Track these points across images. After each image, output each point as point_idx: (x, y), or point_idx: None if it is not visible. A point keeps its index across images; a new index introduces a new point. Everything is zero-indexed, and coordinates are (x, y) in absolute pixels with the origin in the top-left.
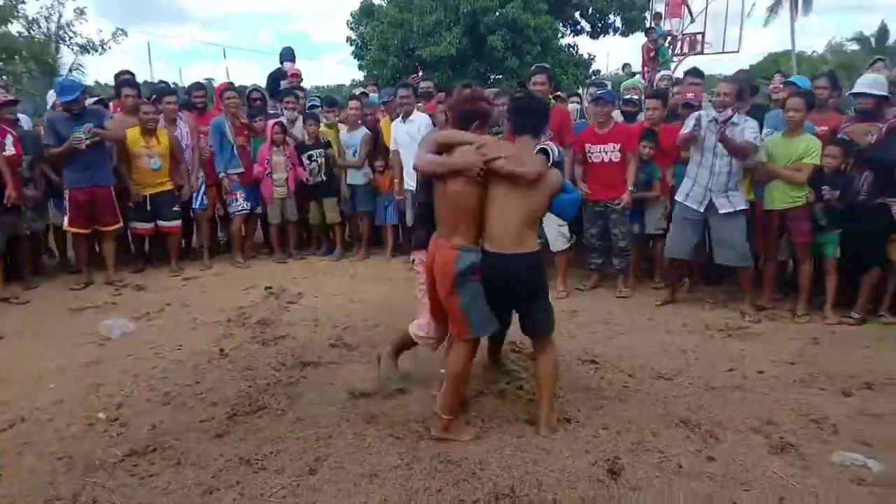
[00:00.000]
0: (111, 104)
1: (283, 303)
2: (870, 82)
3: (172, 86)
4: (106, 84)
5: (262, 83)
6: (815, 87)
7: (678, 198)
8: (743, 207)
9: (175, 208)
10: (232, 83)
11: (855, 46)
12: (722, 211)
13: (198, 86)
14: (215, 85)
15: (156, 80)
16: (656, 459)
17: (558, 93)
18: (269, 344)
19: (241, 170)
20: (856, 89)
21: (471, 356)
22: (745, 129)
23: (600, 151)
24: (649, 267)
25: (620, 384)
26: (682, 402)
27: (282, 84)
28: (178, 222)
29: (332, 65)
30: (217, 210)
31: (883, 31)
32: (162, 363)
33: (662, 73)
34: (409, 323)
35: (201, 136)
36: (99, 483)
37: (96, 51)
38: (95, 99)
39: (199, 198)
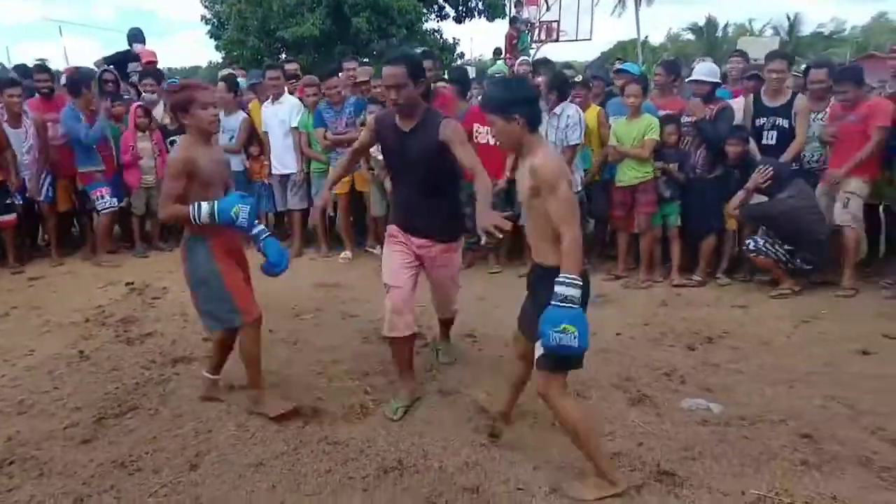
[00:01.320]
0: None
1: (147, 299)
2: (706, 70)
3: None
4: None
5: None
6: (655, 75)
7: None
8: (575, 190)
9: (7, 201)
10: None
11: (690, 36)
12: None
13: (40, 68)
14: (50, 66)
15: None
16: (531, 420)
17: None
18: (135, 342)
19: (101, 167)
20: (694, 76)
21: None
22: (568, 118)
23: (486, 132)
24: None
25: (496, 355)
26: None
27: (130, 66)
28: (12, 216)
29: (184, 44)
30: (73, 203)
31: (711, 23)
32: (12, 371)
33: (521, 59)
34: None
35: (49, 123)
36: None
37: None
38: None
39: (45, 189)
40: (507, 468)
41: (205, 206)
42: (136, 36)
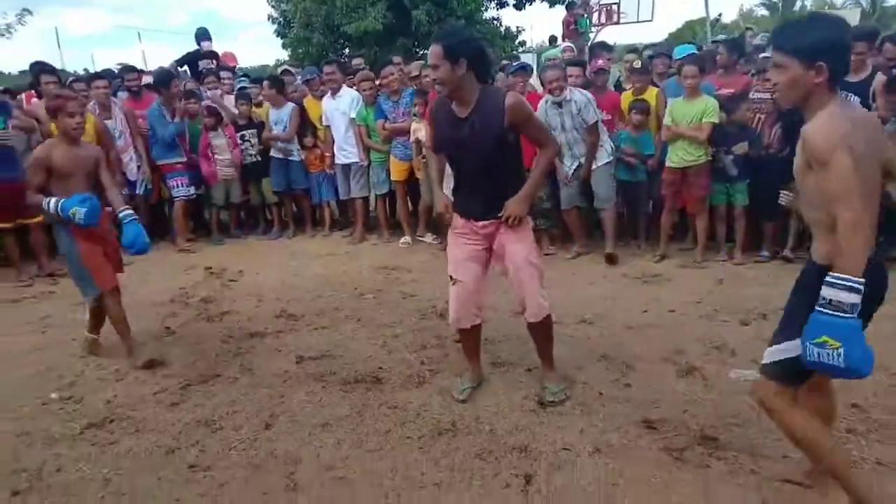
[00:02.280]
0: (24, 95)
1: (224, 281)
2: None
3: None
4: (10, 74)
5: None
6: (717, 55)
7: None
8: (606, 161)
9: None
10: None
11: (764, 11)
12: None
13: (130, 69)
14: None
15: (67, 67)
16: (580, 389)
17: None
18: (215, 320)
19: (183, 158)
20: (769, 52)
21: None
22: (577, 103)
23: None
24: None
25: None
26: (603, 341)
27: (200, 64)
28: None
29: (250, 44)
30: (161, 196)
31: None
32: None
33: (565, 44)
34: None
35: (140, 120)
36: (62, 454)
37: (2, 35)
38: (1, 89)
39: (143, 184)
40: (555, 431)
41: (52, 201)
42: (202, 35)
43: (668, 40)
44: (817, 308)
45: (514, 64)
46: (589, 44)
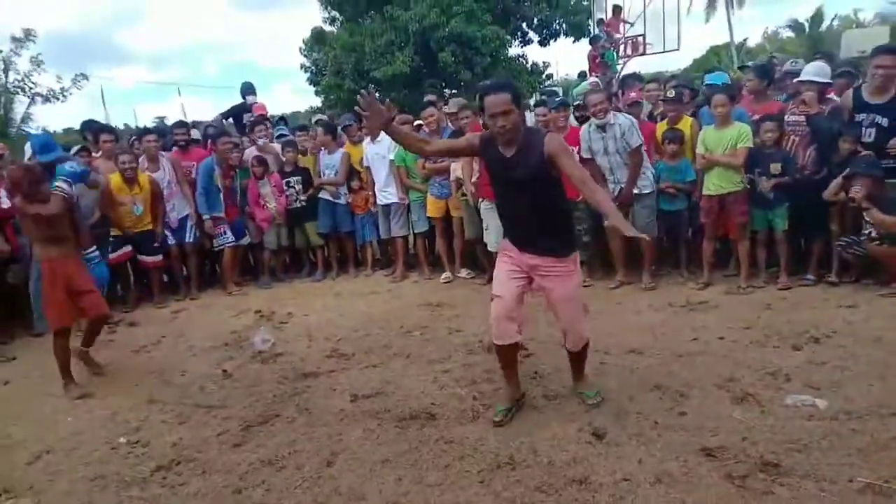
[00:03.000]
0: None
1: (275, 324)
2: (816, 71)
3: (123, 127)
4: (55, 131)
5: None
6: (746, 81)
7: None
8: (648, 191)
9: (155, 244)
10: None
11: (790, 33)
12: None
13: (180, 123)
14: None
15: (111, 123)
16: (635, 419)
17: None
18: (269, 362)
19: (222, 214)
20: (803, 77)
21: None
22: (620, 126)
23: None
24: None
25: (598, 361)
26: (654, 370)
27: (245, 118)
28: (159, 257)
29: (284, 93)
30: (205, 244)
31: (817, 17)
32: (169, 389)
33: (591, 80)
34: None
35: (189, 171)
36: (135, 496)
37: (58, 99)
38: (78, 147)
39: (191, 231)
40: (613, 462)
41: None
42: (248, 89)
43: (692, 66)
44: None
45: (557, 99)
46: (618, 75)
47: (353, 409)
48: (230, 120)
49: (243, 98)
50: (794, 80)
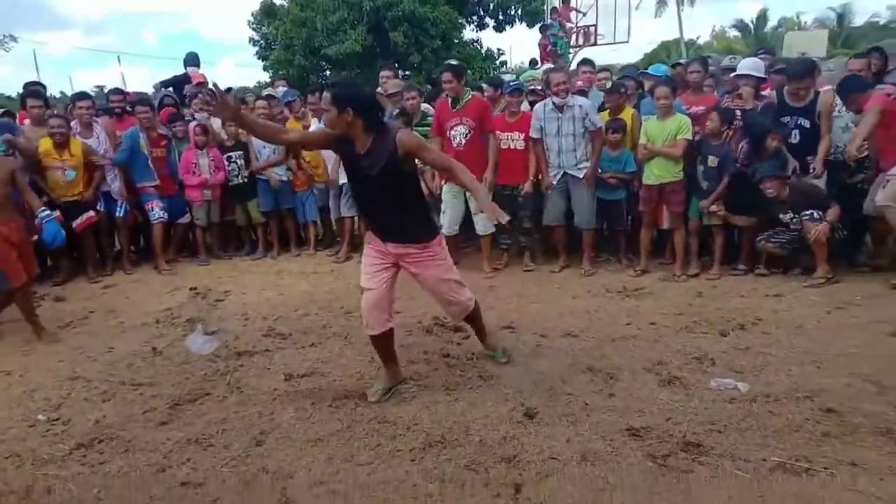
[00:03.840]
0: (17, 115)
1: (210, 301)
2: (751, 65)
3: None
4: None
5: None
6: (690, 72)
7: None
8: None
9: (88, 213)
10: (146, 95)
11: (736, 33)
12: (575, 180)
13: (116, 91)
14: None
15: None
16: (566, 400)
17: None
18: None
19: (155, 181)
20: (739, 71)
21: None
22: (581, 108)
23: (507, 139)
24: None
25: (534, 344)
26: (587, 353)
27: (185, 89)
28: (90, 213)
29: (229, 67)
30: (137, 217)
31: (761, 19)
32: (95, 365)
33: (546, 66)
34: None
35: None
36: (51, 474)
37: None
38: (2, 111)
39: (122, 206)
40: (542, 441)
41: None
42: (192, 60)
43: (643, 61)
44: None
45: (512, 84)
46: (568, 65)
47: (286, 388)
48: (170, 89)
49: (185, 69)
50: (732, 75)
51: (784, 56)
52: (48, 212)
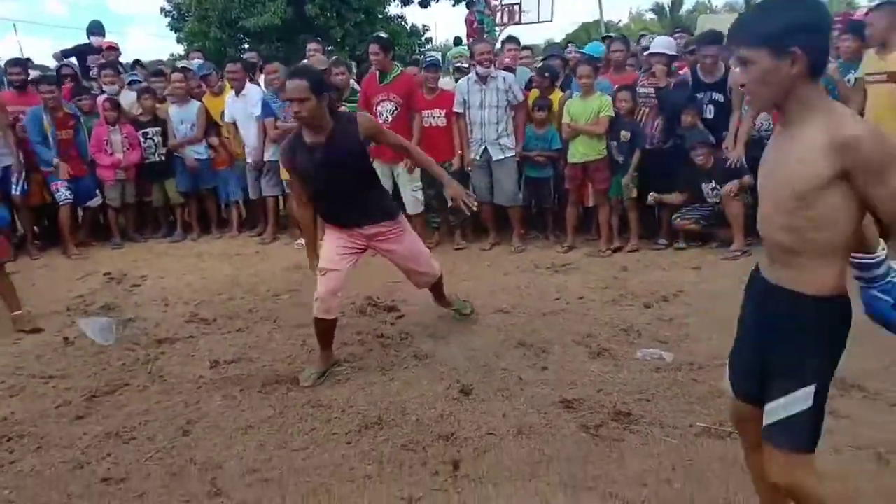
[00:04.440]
0: None
1: (126, 287)
2: (664, 43)
3: None
4: None
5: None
6: (612, 51)
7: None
8: (511, 154)
9: None
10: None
11: (653, 15)
12: (495, 158)
13: (15, 62)
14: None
15: None
16: (500, 376)
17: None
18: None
19: (51, 167)
20: (652, 49)
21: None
22: (505, 80)
23: (429, 116)
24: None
25: (467, 321)
26: (519, 328)
27: (90, 60)
28: None
29: (141, 38)
30: (45, 197)
31: (677, 2)
32: (1, 359)
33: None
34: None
35: (21, 115)
36: None
37: None
38: None
39: (20, 184)
40: (478, 417)
41: None
42: (95, 29)
43: (564, 41)
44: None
45: (427, 59)
46: (495, 42)
47: (212, 375)
48: (73, 60)
49: (88, 38)
50: (645, 54)
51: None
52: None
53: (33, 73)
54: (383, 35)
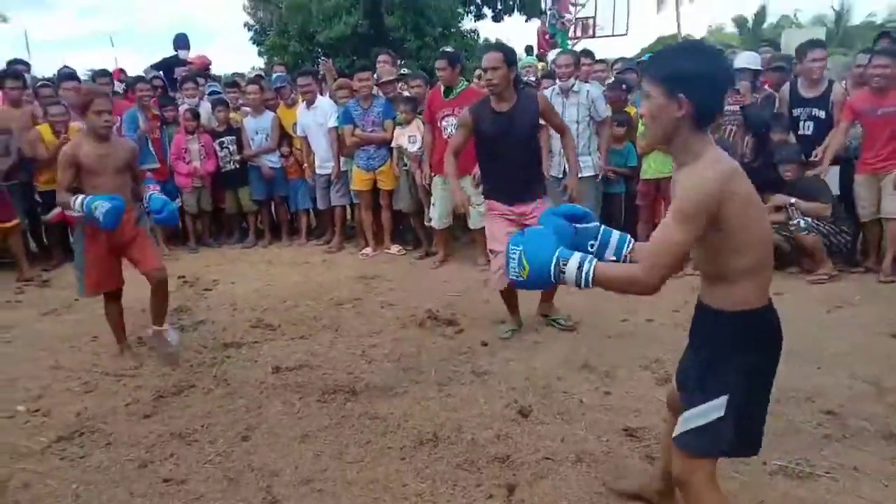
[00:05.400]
0: None
1: (198, 290)
2: (748, 59)
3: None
4: None
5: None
6: None
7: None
8: (591, 174)
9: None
10: (123, 71)
11: (733, 29)
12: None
13: (102, 73)
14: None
15: (37, 73)
16: (561, 398)
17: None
18: (189, 329)
19: (157, 165)
20: (736, 65)
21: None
22: (588, 94)
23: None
24: None
25: (531, 340)
26: (583, 350)
27: (176, 72)
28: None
29: (225, 51)
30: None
31: (760, 15)
32: (78, 355)
33: (555, 52)
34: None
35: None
36: (29, 468)
37: None
38: None
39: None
40: (536, 440)
41: (79, 199)
42: (181, 41)
43: (640, 55)
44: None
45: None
46: None
47: (274, 381)
48: (160, 72)
49: (175, 51)
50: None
51: (783, 53)
52: (157, 189)
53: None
54: (450, 49)
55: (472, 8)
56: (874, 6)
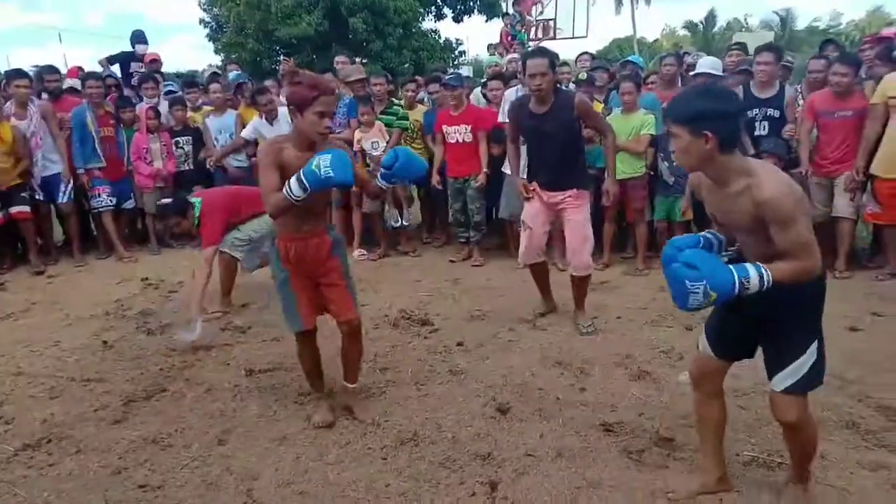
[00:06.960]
0: None
1: (163, 293)
2: (711, 64)
3: None
4: None
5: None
6: (664, 65)
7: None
8: None
9: (23, 194)
10: (81, 68)
11: (686, 32)
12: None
13: (50, 69)
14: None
15: None
16: (538, 395)
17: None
18: (155, 333)
19: (102, 164)
20: (699, 69)
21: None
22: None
23: (455, 132)
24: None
25: (506, 340)
26: (556, 347)
27: (132, 67)
28: (27, 207)
29: (179, 48)
30: (84, 204)
31: (709, 19)
32: (40, 360)
33: (510, 56)
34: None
35: (63, 123)
36: None
37: None
38: None
39: (66, 191)
40: (516, 437)
41: (293, 178)
42: (138, 37)
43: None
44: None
45: (448, 77)
46: None
47: (248, 383)
48: (115, 66)
49: (133, 47)
50: (691, 74)
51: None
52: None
53: (69, 82)
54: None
55: (432, 8)
56: (817, 11)
